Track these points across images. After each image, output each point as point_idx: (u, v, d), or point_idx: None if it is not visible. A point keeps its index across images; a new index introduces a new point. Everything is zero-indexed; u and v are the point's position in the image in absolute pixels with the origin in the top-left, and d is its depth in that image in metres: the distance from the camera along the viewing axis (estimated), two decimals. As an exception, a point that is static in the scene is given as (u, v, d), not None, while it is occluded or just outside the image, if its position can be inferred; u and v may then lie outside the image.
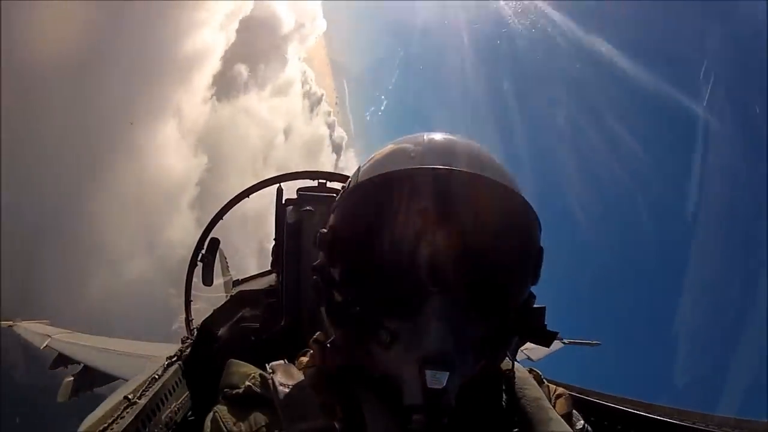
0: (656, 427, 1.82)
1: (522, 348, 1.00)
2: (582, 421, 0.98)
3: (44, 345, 5.33)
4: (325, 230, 0.90)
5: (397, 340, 0.76)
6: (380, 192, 0.81)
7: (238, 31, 36.51)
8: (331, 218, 0.89)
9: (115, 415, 1.80)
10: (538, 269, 0.86)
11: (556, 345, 6.49)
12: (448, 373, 0.69)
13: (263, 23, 40.40)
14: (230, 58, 36.75)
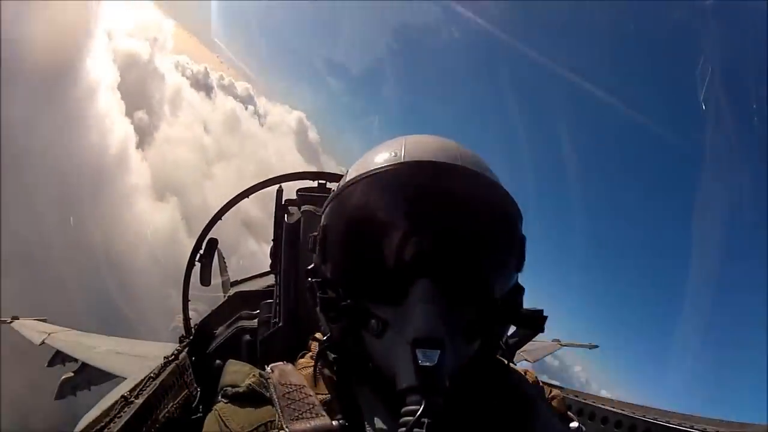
0: (653, 430, 1.83)
1: (520, 350, 1.01)
2: (576, 422, 0.99)
3: (41, 342, 5.32)
4: (316, 233, 0.93)
5: (387, 327, 0.78)
6: (366, 188, 0.85)
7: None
8: (322, 219, 0.92)
9: (113, 414, 1.80)
10: (522, 257, 0.89)
11: (555, 347, 6.53)
12: (438, 351, 0.71)
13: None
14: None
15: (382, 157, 0.88)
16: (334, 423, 0.80)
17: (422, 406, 0.68)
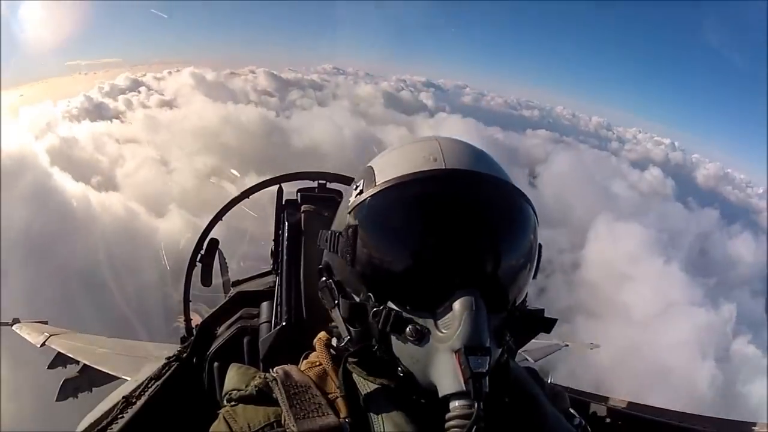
0: (651, 427, 1.83)
1: (521, 350, 1.02)
2: (578, 418, 0.99)
3: (42, 344, 5.32)
4: (335, 230, 0.92)
5: (427, 334, 0.80)
6: (409, 192, 0.84)
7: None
8: (350, 218, 0.90)
9: (114, 415, 1.80)
10: (538, 266, 0.93)
11: (557, 347, 6.52)
12: (488, 357, 0.76)
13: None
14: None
15: (419, 160, 0.87)
16: (341, 422, 0.80)
17: (475, 411, 0.72)
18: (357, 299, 0.87)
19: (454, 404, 0.74)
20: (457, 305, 0.78)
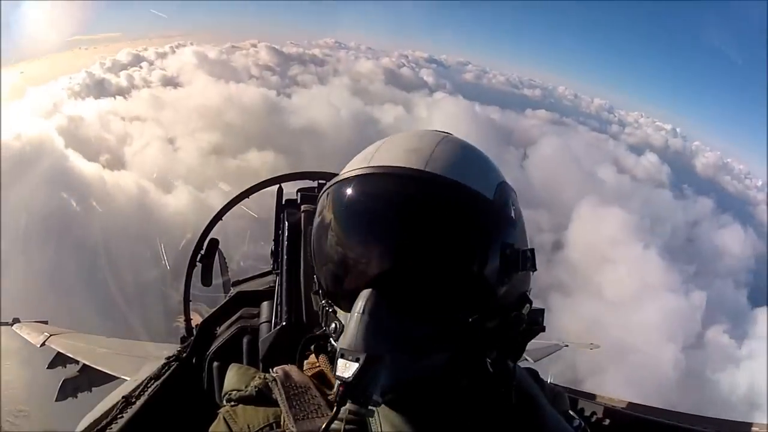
0: (651, 428, 1.83)
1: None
2: (578, 420, 0.99)
3: (42, 344, 5.32)
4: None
5: (342, 331, 0.80)
6: (332, 196, 0.87)
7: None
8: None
9: (114, 415, 1.80)
10: (510, 268, 0.81)
11: (557, 347, 6.52)
12: (356, 364, 0.71)
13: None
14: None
15: (355, 162, 0.89)
16: (341, 423, 0.80)
17: (333, 415, 0.71)
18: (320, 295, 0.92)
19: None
20: (355, 305, 0.77)
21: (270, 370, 0.91)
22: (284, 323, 1.75)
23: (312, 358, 0.96)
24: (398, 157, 0.83)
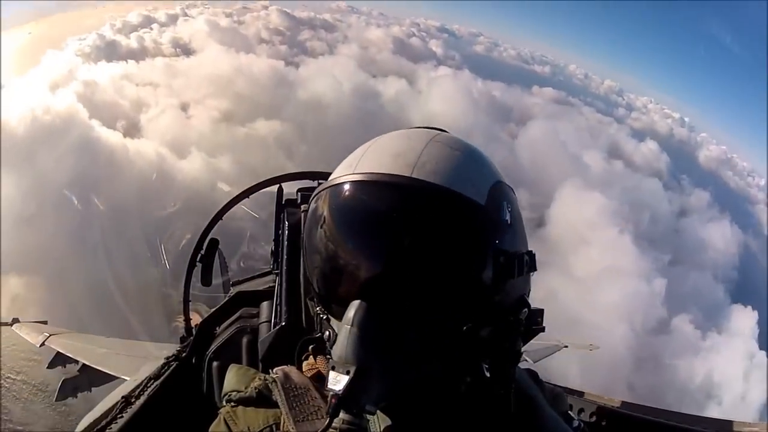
0: (651, 428, 1.83)
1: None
2: (577, 420, 0.99)
3: (41, 344, 5.31)
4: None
5: (335, 340, 0.80)
6: (321, 203, 0.86)
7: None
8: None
9: (114, 415, 1.80)
10: (504, 274, 0.79)
11: (556, 348, 6.51)
12: (347, 377, 0.71)
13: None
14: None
15: (342, 168, 0.88)
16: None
17: (327, 425, 0.70)
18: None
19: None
20: (345, 315, 0.76)
21: (270, 371, 0.91)
22: (284, 323, 1.74)
23: (311, 359, 0.96)
24: (384, 163, 0.80)
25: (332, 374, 0.73)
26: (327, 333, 0.84)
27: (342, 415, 0.70)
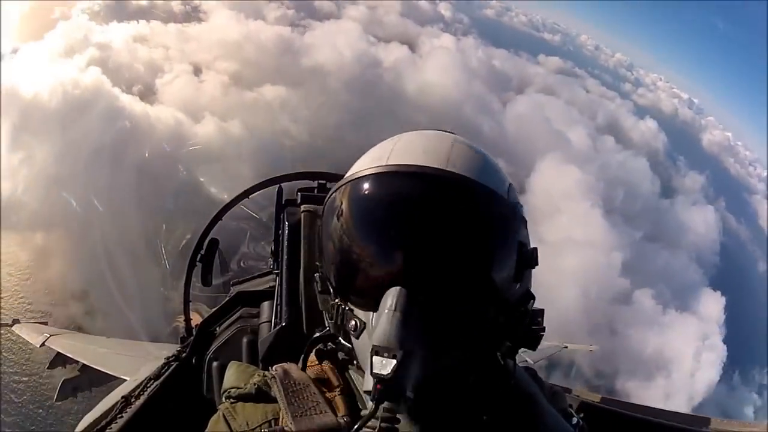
0: (650, 428, 1.83)
1: (521, 350, 1.01)
2: (577, 418, 0.99)
3: (42, 344, 5.32)
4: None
5: (364, 329, 0.81)
6: (350, 193, 0.86)
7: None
8: (318, 221, 0.95)
9: (113, 415, 1.80)
10: (523, 265, 0.85)
11: (556, 348, 6.53)
12: (394, 361, 0.72)
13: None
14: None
15: (370, 161, 0.88)
16: (339, 420, 0.80)
17: (370, 413, 0.71)
18: (329, 294, 0.91)
19: (369, 403, 0.73)
20: (383, 303, 0.77)
21: (269, 368, 0.92)
22: (284, 324, 1.75)
23: (312, 357, 0.96)
24: (418, 157, 0.84)
25: (376, 359, 0.72)
26: (353, 323, 0.82)
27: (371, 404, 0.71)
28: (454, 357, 0.82)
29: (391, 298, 0.76)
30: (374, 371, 0.72)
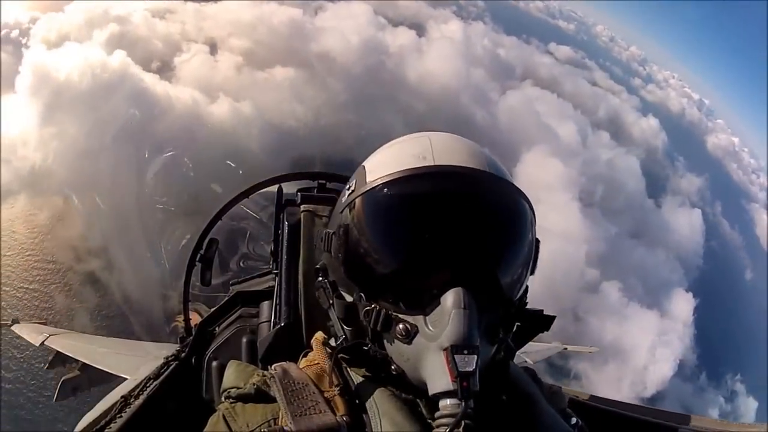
0: (648, 428, 1.82)
1: (521, 351, 1.02)
2: (575, 417, 0.99)
3: (41, 344, 5.31)
4: (331, 230, 0.92)
5: (417, 332, 0.80)
6: (398, 191, 0.84)
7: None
8: (342, 218, 0.90)
9: (113, 415, 1.80)
10: (536, 261, 0.92)
11: (556, 349, 6.53)
12: (475, 356, 0.74)
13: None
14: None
15: (408, 158, 0.86)
16: (338, 420, 0.80)
17: (462, 410, 0.71)
18: (350, 298, 0.88)
19: (444, 403, 0.73)
20: (445, 303, 0.78)
21: (268, 367, 0.92)
22: (283, 323, 1.74)
23: (311, 355, 0.96)
24: (464, 159, 0.86)
25: (459, 357, 0.73)
26: (402, 326, 0.81)
27: (451, 402, 0.73)
28: (492, 352, 0.87)
29: (455, 297, 0.78)
30: (460, 369, 0.72)
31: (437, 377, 0.75)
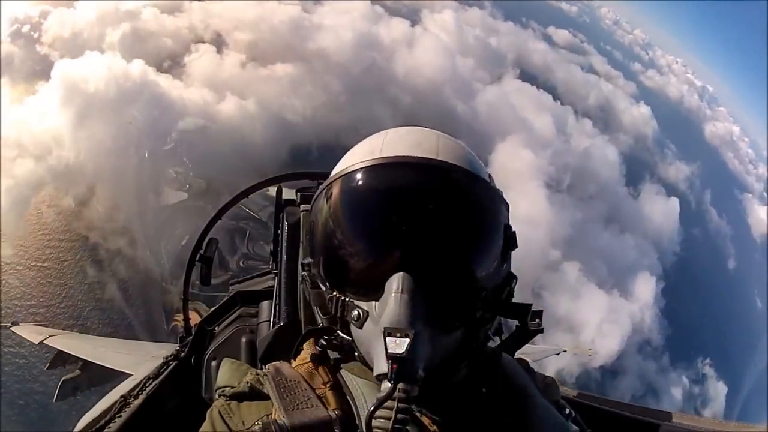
0: (647, 428, 1.83)
1: (519, 352, 1.02)
2: (569, 409, 1.00)
3: (40, 342, 5.32)
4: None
5: (367, 318, 0.83)
6: (343, 187, 0.89)
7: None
8: (310, 216, 0.97)
9: (112, 414, 1.80)
10: (508, 247, 0.91)
11: (553, 350, 6.53)
12: (407, 339, 0.74)
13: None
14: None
15: (360, 156, 0.91)
16: (330, 414, 0.81)
17: (388, 393, 0.72)
18: (323, 289, 0.92)
19: (385, 386, 0.74)
20: (389, 288, 0.80)
21: (262, 367, 0.93)
22: (283, 323, 1.75)
23: (303, 354, 0.98)
24: (410, 149, 0.87)
25: (390, 340, 0.74)
26: (356, 312, 0.84)
27: (386, 385, 0.74)
28: (453, 339, 0.85)
29: (396, 282, 0.79)
30: (389, 351, 0.73)
31: (377, 361, 0.77)
